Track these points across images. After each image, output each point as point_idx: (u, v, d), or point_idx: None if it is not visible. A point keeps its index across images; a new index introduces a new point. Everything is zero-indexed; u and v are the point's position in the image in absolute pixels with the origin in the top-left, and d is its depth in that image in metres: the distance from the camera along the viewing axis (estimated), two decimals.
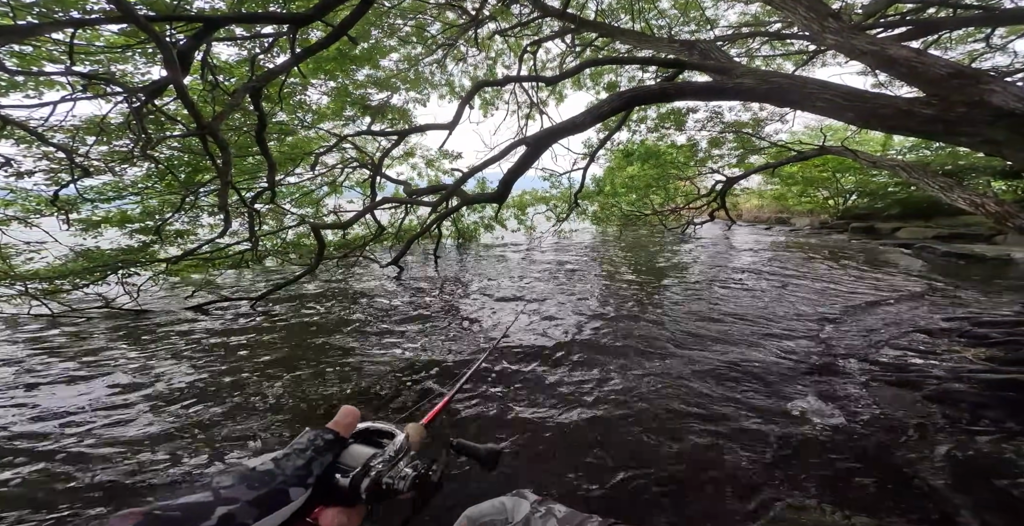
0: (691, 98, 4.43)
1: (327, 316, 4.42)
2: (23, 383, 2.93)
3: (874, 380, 2.67)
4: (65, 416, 2.45)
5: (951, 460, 1.90)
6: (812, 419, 2.25)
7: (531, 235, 11.81)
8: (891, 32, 3.74)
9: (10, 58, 2.78)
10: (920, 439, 2.06)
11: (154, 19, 2.11)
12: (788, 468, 1.87)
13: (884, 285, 5.27)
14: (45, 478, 1.90)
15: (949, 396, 2.43)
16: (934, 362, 2.91)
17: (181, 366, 3.15)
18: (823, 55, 5.29)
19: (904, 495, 1.71)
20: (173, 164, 4.87)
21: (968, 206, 3.28)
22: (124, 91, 2.77)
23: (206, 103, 3.81)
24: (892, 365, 2.87)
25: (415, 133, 6.08)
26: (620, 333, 3.66)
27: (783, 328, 3.69)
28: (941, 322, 3.73)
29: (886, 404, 2.39)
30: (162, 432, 2.26)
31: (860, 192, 12.11)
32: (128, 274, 4.95)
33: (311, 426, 0.53)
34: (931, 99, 2.06)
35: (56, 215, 3.91)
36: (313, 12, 2.45)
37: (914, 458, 1.92)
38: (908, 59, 2.12)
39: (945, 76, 1.98)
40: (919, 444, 2.02)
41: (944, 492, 1.71)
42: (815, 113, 2.55)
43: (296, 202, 7.50)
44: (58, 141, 3.61)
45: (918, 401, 2.41)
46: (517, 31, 5.44)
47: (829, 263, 6.99)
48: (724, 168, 8.80)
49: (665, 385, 2.68)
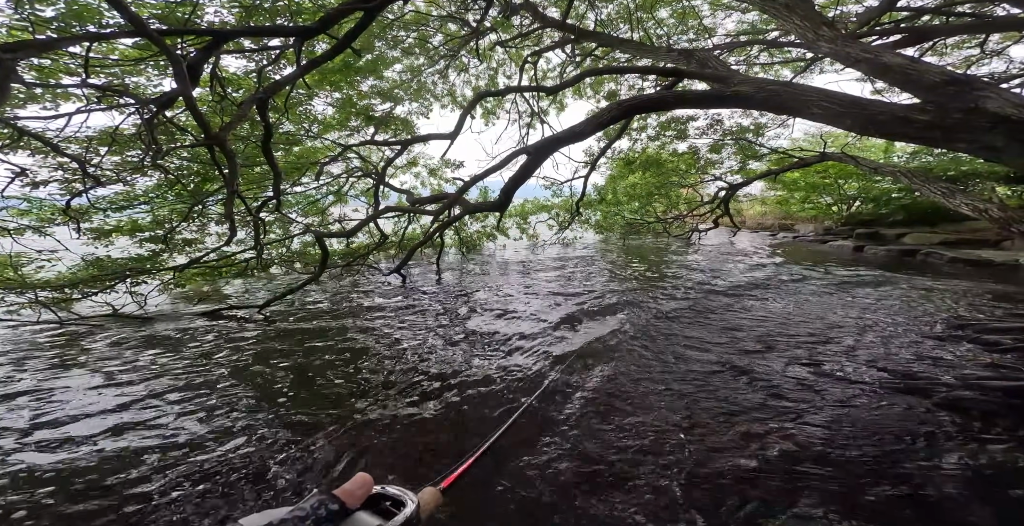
0: (690, 106, 4.49)
1: (330, 328, 4.40)
2: (25, 390, 2.96)
3: (882, 387, 2.63)
4: (54, 427, 2.47)
5: (962, 469, 1.86)
6: (818, 426, 2.21)
7: (533, 244, 11.84)
8: (886, 40, 3.78)
9: (28, 71, 2.88)
10: (930, 447, 2.02)
11: (166, 33, 2.19)
12: (793, 476, 1.83)
13: (891, 291, 5.21)
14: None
15: (959, 403, 2.39)
16: (943, 369, 2.86)
17: (181, 376, 3.16)
18: (821, 62, 5.35)
19: (914, 504, 1.66)
20: (182, 174, 4.97)
21: (971, 212, 3.26)
22: (136, 103, 2.85)
23: (214, 114, 3.91)
24: (900, 372, 2.83)
25: (418, 142, 6.18)
26: (631, 351, 3.64)
27: (790, 335, 3.66)
28: (950, 329, 3.67)
29: (895, 411, 2.35)
30: (155, 450, 2.26)
31: (864, 198, 12.05)
32: (137, 282, 5.02)
33: (319, 489, 0.52)
34: (927, 106, 2.07)
35: (68, 224, 3.98)
36: (318, 25, 2.53)
37: (924, 466, 1.88)
38: (902, 66, 2.15)
39: (940, 83, 2.00)
40: (929, 452, 1.98)
41: (956, 501, 1.66)
42: (813, 120, 2.57)
43: (302, 211, 7.60)
44: (72, 152, 3.71)
45: (927, 409, 2.37)
46: (518, 42, 5.56)
47: (835, 269, 6.94)
48: (726, 175, 8.82)
49: (666, 391, 2.65)
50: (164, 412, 2.55)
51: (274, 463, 2.01)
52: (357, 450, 2.11)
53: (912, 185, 3.89)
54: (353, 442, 2.17)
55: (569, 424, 2.27)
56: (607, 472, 1.89)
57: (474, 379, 2.91)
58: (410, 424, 2.34)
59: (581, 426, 2.25)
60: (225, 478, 1.91)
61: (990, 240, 8.48)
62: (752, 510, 1.64)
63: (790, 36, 4.40)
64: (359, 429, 2.30)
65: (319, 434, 2.24)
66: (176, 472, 1.96)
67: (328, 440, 2.19)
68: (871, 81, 4.69)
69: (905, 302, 4.68)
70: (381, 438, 2.21)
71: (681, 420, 2.30)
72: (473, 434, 2.22)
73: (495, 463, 1.92)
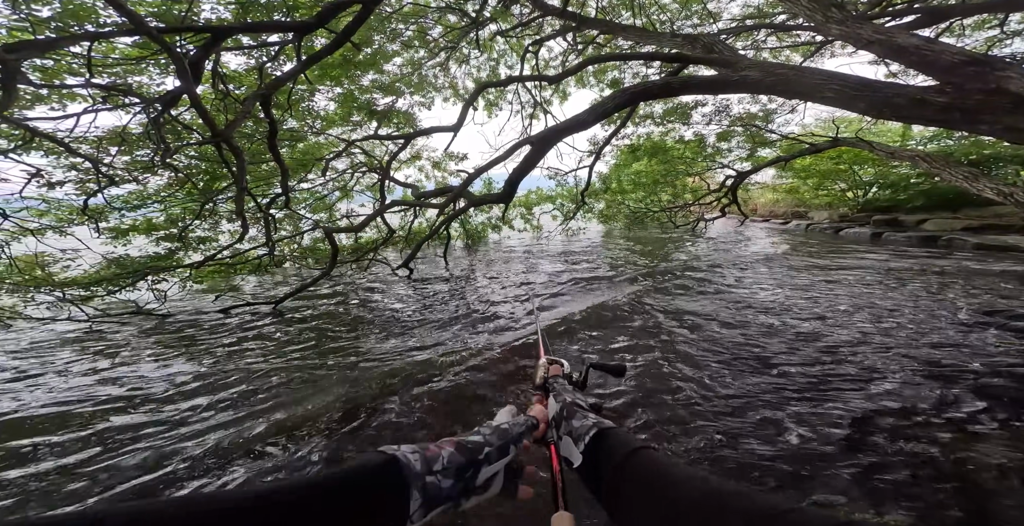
0: (696, 92, 4.35)
1: (343, 321, 4.47)
2: (44, 386, 3.09)
3: (908, 374, 2.59)
4: (98, 407, 2.58)
5: (992, 457, 1.82)
6: (842, 414, 2.19)
7: (538, 234, 11.79)
8: (899, 21, 3.60)
9: (33, 72, 2.93)
10: (957, 436, 1.99)
11: (164, 31, 2.19)
12: (817, 464, 1.83)
13: (913, 278, 5.07)
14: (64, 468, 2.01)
15: (987, 391, 2.34)
16: (971, 356, 2.81)
17: (204, 367, 3.27)
18: (831, 46, 5.12)
19: (942, 494, 1.64)
20: (192, 172, 5.04)
21: (996, 196, 3.14)
22: (141, 102, 2.89)
23: (219, 112, 3.93)
24: (927, 360, 2.79)
25: (421, 136, 6.13)
26: (642, 334, 3.63)
27: (815, 323, 3.59)
28: (977, 315, 3.59)
29: (921, 399, 2.32)
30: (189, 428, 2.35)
31: (881, 184, 11.67)
32: (157, 280, 5.15)
33: (508, 406, 0.73)
34: (945, 87, 1.98)
35: (87, 224, 4.07)
36: (315, 20, 2.51)
37: (952, 456, 1.85)
38: (918, 47, 2.05)
39: (958, 63, 1.91)
40: (956, 441, 1.95)
41: (985, 490, 1.64)
42: (824, 104, 2.48)
43: (310, 207, 7.67)
44: (84, 152, 3.78)
45: (955, 396, 2.33)
46: (518, 31, 5.44)
47: (856, 256, 6.78)
48: (734, 163, 8.61)
49: (682, 377, 2.66)
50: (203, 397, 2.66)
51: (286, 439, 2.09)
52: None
53: (932, 170, 3.75)
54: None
55: None
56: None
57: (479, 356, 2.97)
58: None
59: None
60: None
61: (1016, 225, 8.16)
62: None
63: (798, 19, 4.23)
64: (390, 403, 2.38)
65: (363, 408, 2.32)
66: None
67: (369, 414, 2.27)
68: (885, 64, 4.48)
69: (928, 289, 4.57)
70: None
71: (678, 398, 2.31)
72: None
73: None
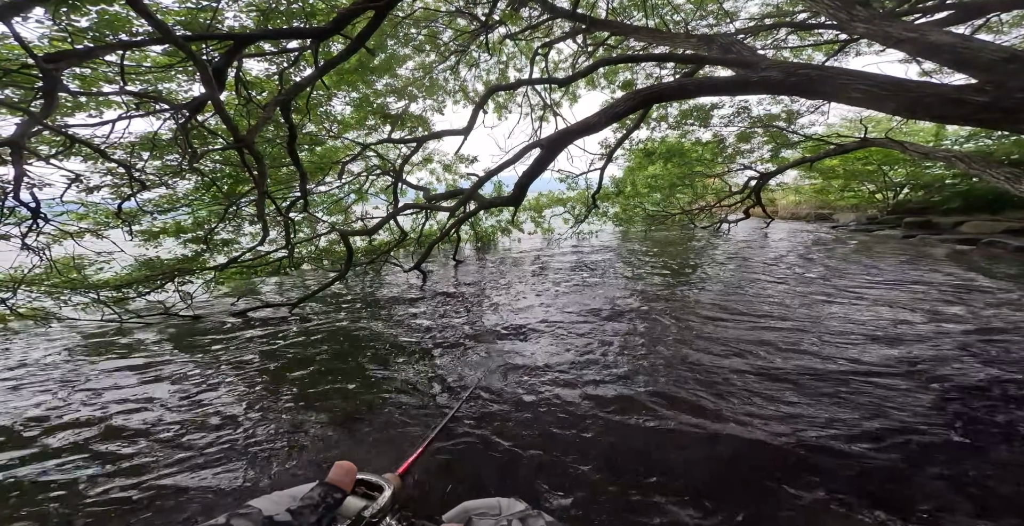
0: (713, 94, 4.24)
1: (354, 325, 4.48)
2: (84, 387, 3.26)
3: (943, 385, 2.48)
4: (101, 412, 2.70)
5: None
6: (874, 423, 2.13)
7: (549, 237, 11.73)
8: (931, 18, 3.41)
9: (72, 80, 3.10)
10: (995, 445, 1.92)
11: (190, 39, 2.29)
12: (830, 467, 1.79)
13: (950, 284, 4.81)
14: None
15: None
16: (1008, 366, 2.67)
17: (220, 370, 3.39)
18: (856, 44, 4.90)
19: (976, 505, 1.58)
20: (216, 176, 5.24)
21: None
22: (171, 108, 3.02)
23: (241, 117, 4.07)
24: (963, 369, 2.66)
25: (432, 139, 6.21)
26: (646, 340, 3.56)
27: (845, 331, 3.45)
28: (1017, 322, 3.41)
29: (956, 409, 2.23)
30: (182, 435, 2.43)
31: (913, 185, 11.14)
32: (183, 282, 5.32)
33: (319, 478, 0.60)
34: (984, 86, 1.86)
35: (121, 227, 4.27)
36: (332, 26, 2.57)
37: (989, 465, 1.78)
38: (953, 45, 1.94)
39: (998, 61, 1.80)
40: (994, 451, 1.88)
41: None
42: (851, 104, 2.38)
43: (327, 210, 7.85)
44: (118, 157, 3.97)
45: (992, 405, 2.24)
46: (527, 34, 5.42)
47: (886, 260, 6.47)
48: (756, 164, 8.37)
49: (696, 381, 2.61)
50: (211, 397, 2.75)
51: (288, 445, 2.14)
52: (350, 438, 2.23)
53: (970, 170, 3.55)
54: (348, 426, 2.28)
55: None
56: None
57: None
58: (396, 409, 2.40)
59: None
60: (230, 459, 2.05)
61: None
62: (778, 499, 1.58)
63: (820, 18, 4.07)
64: (354, 416, 2.43)
65: (346, 420, 2.36)
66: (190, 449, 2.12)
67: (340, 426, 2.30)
68: (917, 62, 4.24)
69: (960, 294, 4.34)
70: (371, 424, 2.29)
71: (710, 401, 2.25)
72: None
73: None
